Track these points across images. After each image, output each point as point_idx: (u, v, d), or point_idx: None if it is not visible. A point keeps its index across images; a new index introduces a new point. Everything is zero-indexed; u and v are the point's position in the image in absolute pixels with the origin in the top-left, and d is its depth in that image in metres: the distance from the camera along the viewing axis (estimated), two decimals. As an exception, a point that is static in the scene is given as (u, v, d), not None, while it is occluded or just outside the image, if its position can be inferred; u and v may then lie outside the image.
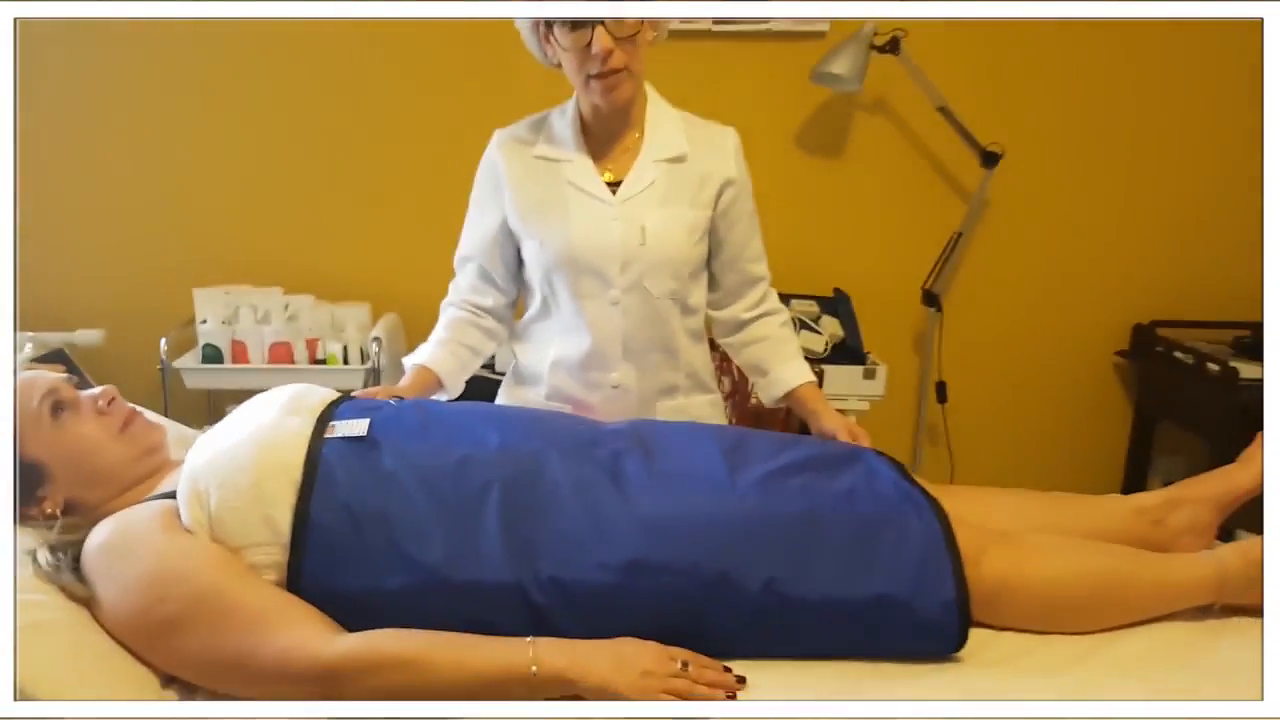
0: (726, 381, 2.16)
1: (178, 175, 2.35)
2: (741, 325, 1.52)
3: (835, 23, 2.22)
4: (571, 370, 1.43)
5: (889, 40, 2.11)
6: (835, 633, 1.06)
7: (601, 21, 1.24)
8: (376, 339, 2.15)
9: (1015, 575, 1.13)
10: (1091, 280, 2.47)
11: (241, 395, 1.18)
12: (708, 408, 1.52)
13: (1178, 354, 2.30)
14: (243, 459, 1.03)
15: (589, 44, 1.25)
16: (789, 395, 1.49)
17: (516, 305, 1.53)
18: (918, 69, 2.13)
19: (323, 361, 2.20)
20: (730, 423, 2.12)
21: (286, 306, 2.24)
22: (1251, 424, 1.30)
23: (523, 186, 1.40)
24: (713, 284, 1.51)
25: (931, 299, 2.30)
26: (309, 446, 1.06)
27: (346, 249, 2.40)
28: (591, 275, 1.38)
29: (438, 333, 1.46)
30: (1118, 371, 2.54)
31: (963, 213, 2.29)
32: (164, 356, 2.16)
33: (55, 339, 2.22)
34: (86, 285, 2.39)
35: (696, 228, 1.40)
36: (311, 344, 2.20)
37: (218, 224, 2.38)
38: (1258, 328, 2.34)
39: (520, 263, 1.47)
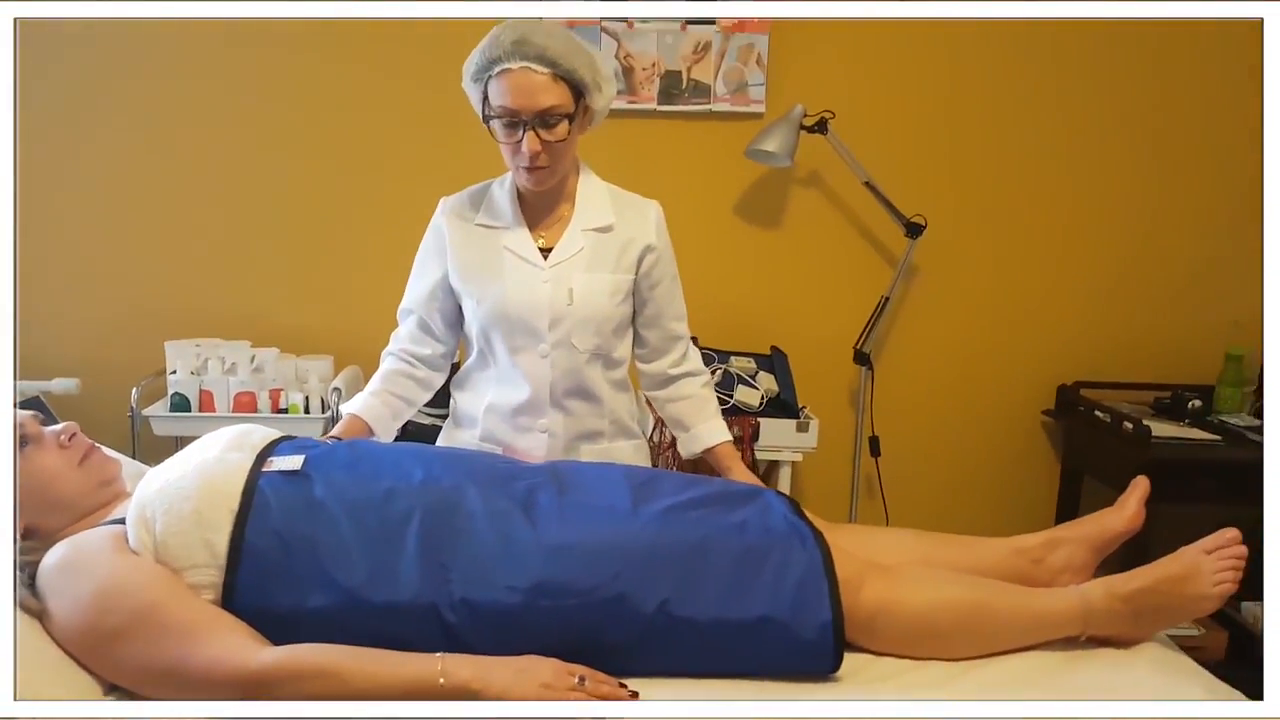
0: (670, 433, 2.27)
1: (152, 234, 2.46)
2: (668, 381, 1.64)
3: (771, 105, 2.40)
4: (504, 415, 1.54)
5: (817, 121, 2.29)
6: (722, 651, 1.16)
7: (533, 128, 1.37)
8: (336, 389, 2.24)
9: (890, 602, 1.22)
10: (1017, 342, 2.59)
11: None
12: (631, 452, 1.62)
13: (1098, 413, 2.44)
14: (187, 488, 1.13)
15: (519, 140, 1.39)
16: (707, 451, 1.62)
17: (454, 355, 1.65)
18: (845, 147, 2.30)
19: (285, 411, 2.29)
20: (671, 469, 2.23)
21: (253, 359, 2.33)
22: (1160, 478, 1.43)
23: (463, 250, 1.53)
24: (640, 341, 1.63)
25: (863, 358, 2.44)
26: (247, 478, 1.17)
27: (313, 305, 2.51)
28: (523, 331, 1.50)
29: (373, 383, 1.57)
30: (1045, 429, 2.66)
31: (890, 278, 2.45)
32: (134, 404, 2.26)
33: (32, 387, 2.30)
34: (63, 337, 2.47)
35: (619, 290, 1.53)
36: (275, 394, 2.29)
37: (190, 281, 2.49)
38: (1176, 389, 2.50)
39: (459, 318, 1.59)
